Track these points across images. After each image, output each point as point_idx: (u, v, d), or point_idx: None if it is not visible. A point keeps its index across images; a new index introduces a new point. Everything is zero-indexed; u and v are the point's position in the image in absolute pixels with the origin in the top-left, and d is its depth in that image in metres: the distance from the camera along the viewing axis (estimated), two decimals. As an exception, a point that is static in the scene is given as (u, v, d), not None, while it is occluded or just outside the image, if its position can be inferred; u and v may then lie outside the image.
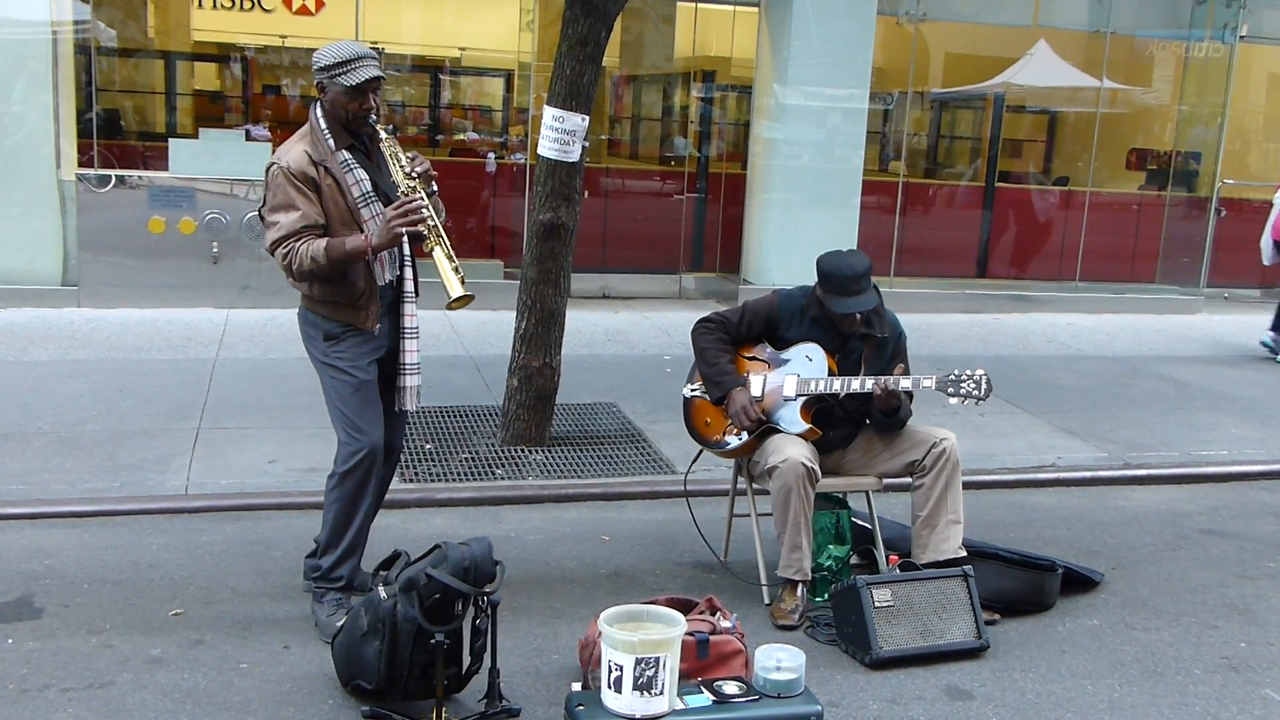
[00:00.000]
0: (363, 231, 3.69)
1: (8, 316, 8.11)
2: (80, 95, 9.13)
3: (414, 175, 3.72)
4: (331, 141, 3.71)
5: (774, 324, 4.31)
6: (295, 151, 3.69)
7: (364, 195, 3.72)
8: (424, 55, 11.20)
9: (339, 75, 3.65)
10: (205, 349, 7.46)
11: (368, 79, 3.65)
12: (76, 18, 8.92)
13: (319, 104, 3.74)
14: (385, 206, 3.71)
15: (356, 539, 3.92)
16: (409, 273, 3.88)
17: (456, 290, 3.65)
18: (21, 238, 8.54)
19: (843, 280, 4.12)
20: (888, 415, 4.21)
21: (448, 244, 3.71)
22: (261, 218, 3.78)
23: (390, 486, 5.13)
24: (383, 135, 3.77)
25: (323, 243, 3.62)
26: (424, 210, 3.63)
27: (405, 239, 3.80)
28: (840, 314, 4.15)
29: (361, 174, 3.74)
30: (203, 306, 8.65)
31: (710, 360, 4.29)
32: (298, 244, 3.62)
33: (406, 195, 3.67)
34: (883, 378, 4.10)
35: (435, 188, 3.81)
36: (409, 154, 3.79)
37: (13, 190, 8.51)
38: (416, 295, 3.91)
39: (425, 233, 3.67)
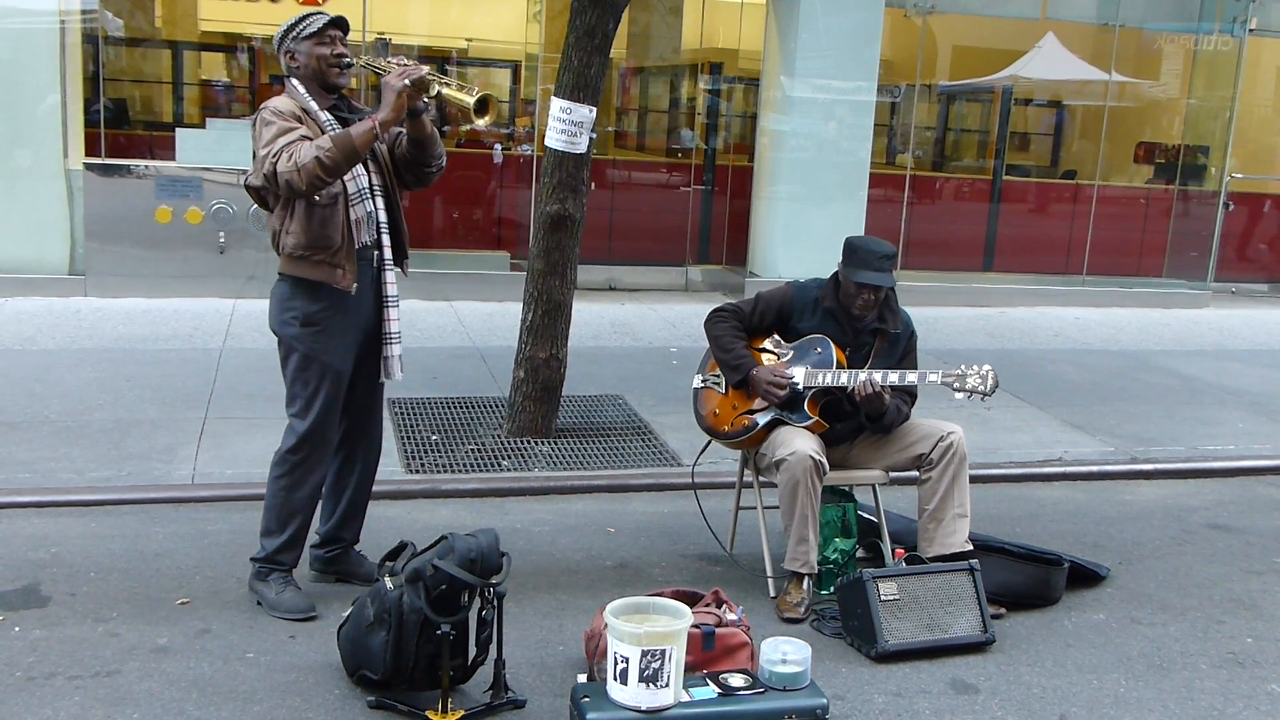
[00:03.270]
0: (345, 190, 3.66)
1: (15, 305, 8.13)
2: (87, 85, 9.14)
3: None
4: (313, 102, 3.71)
5: (786, 315, 4.30)
6: (281, 99, 3.71)
7: None
8: (431, 46, 11.17)
9: (301, 30, 3.69)
10: (212, 339, 7.47)
11: (328, 21, 3.68)
12: (84, 7, 8.92)
13: (292, 75, 3.75)
14: (370, 160, 3.73)
15: (300, 529, 3.88)
16: (387, 239, 3.83)
17: (473, 97, 3.57)
18: (29, 227, 8.54)
19: (868, 254, 4.11)
20: (872, 420, 4.20)
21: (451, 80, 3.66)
22: (254, 156, 3.65)
23: (396, 478, 5.13)
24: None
25: (326, 135, 3.56)
26: (421, 66, 3.58)
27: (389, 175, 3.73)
28: (858, 285, 4.11)
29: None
30: (209, 296, 8.65)
31: (726, 346, 4.28)
32: (300, 144, 3.53)
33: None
34: (876, 373, 4.07)
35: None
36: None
37: (20, 179, 8.52)
38: (397, 263, 3.87)
39: (428, 77, 3.57)
